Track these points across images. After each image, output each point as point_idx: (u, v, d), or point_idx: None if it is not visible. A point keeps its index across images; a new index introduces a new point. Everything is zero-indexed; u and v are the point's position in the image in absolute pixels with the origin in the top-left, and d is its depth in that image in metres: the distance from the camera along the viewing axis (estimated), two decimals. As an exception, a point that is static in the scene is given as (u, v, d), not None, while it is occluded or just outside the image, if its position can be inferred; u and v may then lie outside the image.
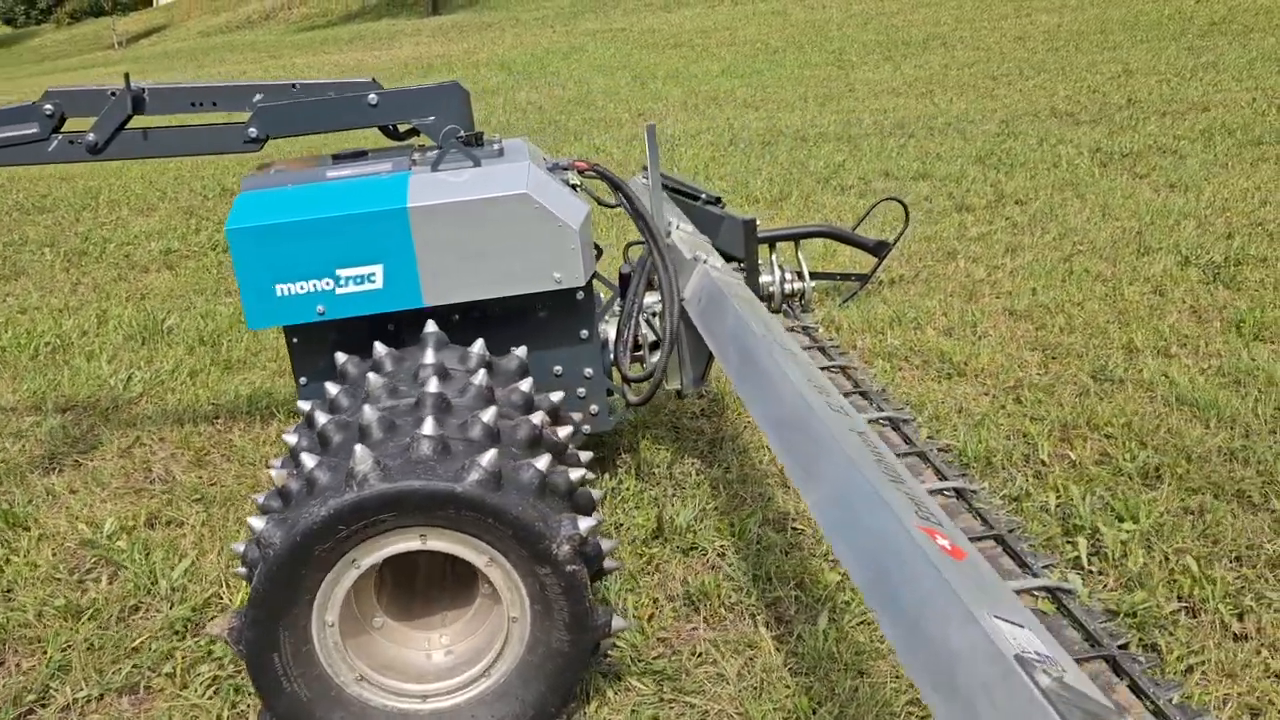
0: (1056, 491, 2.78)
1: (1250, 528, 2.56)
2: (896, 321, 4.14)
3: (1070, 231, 5.18)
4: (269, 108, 2.67)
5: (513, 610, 1.94)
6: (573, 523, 1.89)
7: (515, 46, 18.27)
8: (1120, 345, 3.75)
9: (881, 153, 7.45)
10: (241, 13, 35.98)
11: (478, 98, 12.59)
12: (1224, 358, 3.56)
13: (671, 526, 2.71)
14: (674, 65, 13.89)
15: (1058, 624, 2.20)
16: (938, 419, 3.28)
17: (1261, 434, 3.02)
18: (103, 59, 31.25)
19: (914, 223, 5.60)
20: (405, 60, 18.13)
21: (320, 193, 2.49)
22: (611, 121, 10.17)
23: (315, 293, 2.46)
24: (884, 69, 11.96)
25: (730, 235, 4.18)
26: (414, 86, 2.75)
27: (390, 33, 24.18)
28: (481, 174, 2.53)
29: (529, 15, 24.04)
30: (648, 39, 17.28)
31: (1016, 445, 3.07)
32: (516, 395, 2.26)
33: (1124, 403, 3.28)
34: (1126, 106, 8.45)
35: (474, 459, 1.84)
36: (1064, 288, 4.37)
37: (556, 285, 2.54)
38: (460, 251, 2.47)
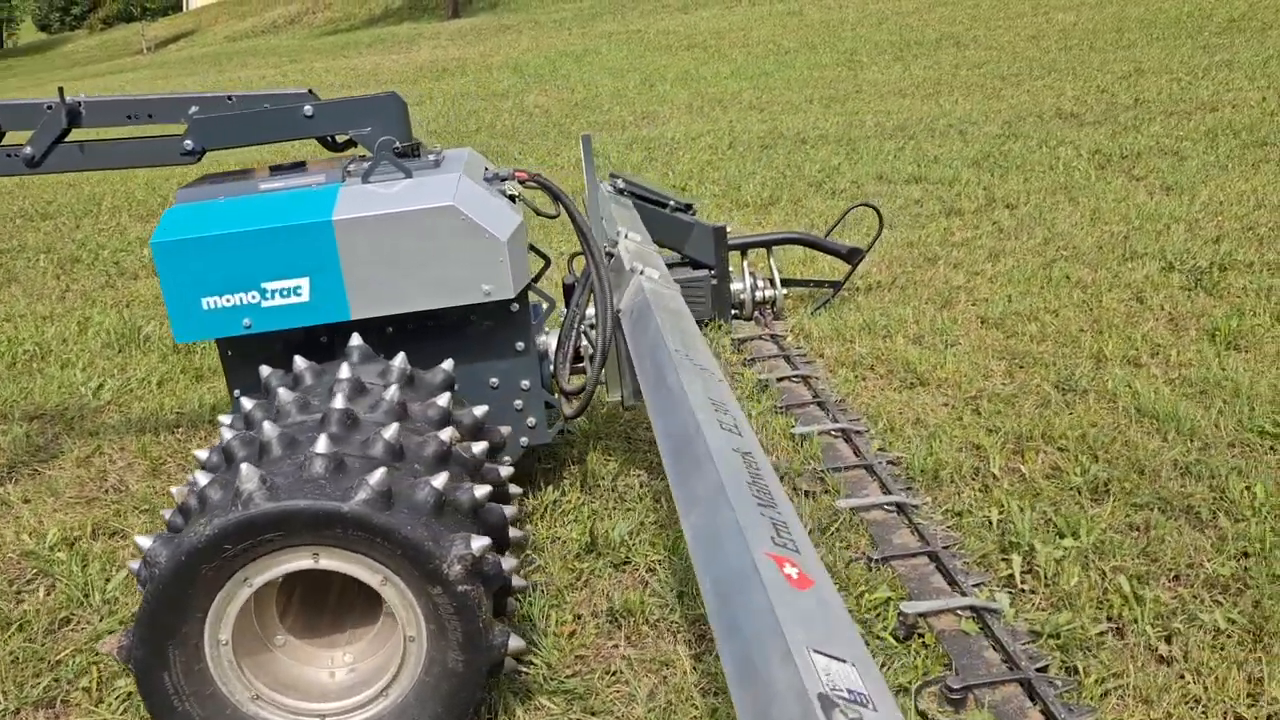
0: (1000, 506, 2.73)
1: (1193, 545, 2.50)
2: (867, 329, 4.09)
3: (1056, 236, 5.10)
4: (204, 120, 2.67)
5: (409, 629, 1.93)
6: (465, 542, 1.87)
7: (530, 49, 18.29)
8: (1090, 354, 3.68)
9: (879, 156, 7.38)
10: (267, 17, 36.30)
11: (489, 101, 12.65)
12: (1194, 368, 3.49)
13: (605, 541, 2.68)
14: (684, 67, 13.86)
15: (978, 645, 2.17)
16: (893, 430, 3.23)
17: (1219, 447, 2.95)
18: (130, 64, 31.64)
19: (900, 227, 5.55)
20: (421, 64, 18.21)
21: (248, 206, 2.49)
22: (614, 124, 10.16)
23: (241, 306, 2.45)
24: (893, 69, 11.87)
25: (700, 242, 4.17)
26: (350, 98, 2.74)
27: (410, 36, 24.31)
28: (411, 186, 2.52)
29: (547, 18, 24.08)
30: (662, 41, 17.25)
31: (968, 458, 3.01)
32: (433, 410, 2.25)
33: (1083, 414, 3.22)
34: (1133, 106, 8.33)
35: (363, 478, 1.82)
36: (1041, 294, 4.31)
37: (486, 298, 2.52)
38: (387, 264, 2.46)
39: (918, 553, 2.53)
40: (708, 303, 4.25)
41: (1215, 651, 2.13)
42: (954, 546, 2.58)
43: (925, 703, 2.06)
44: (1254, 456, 2.88)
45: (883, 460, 3.04)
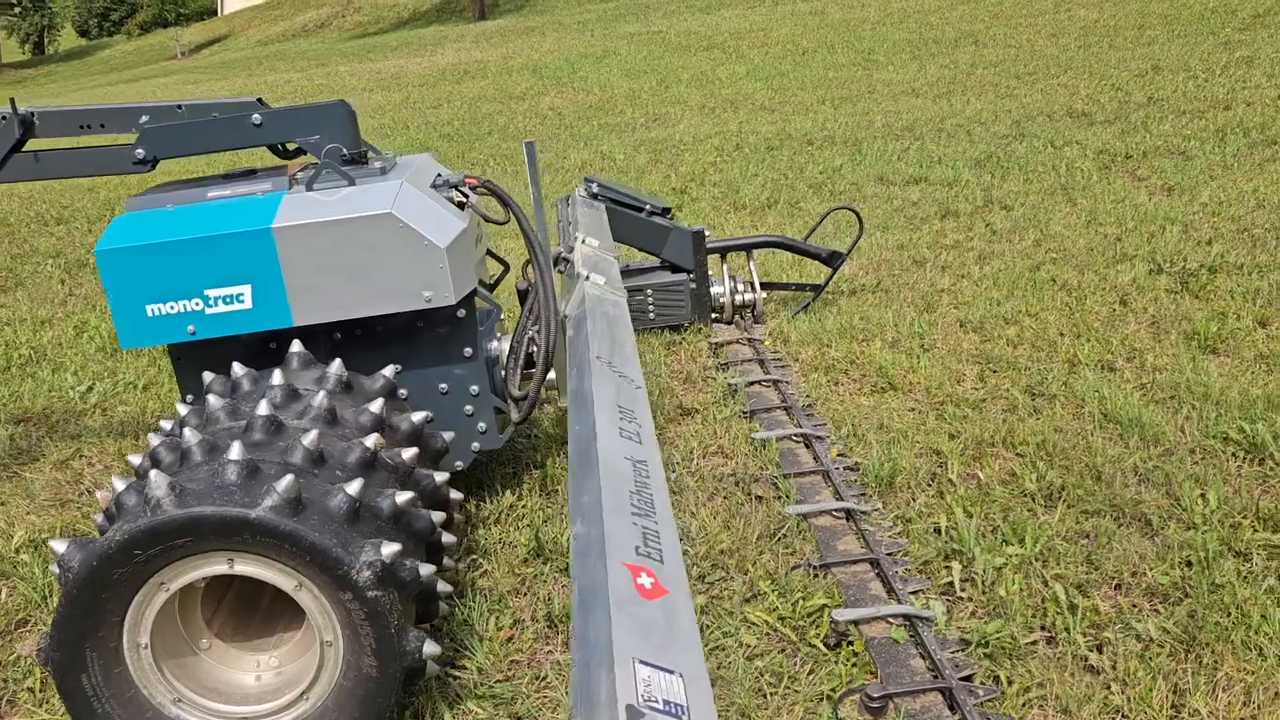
0: (950, 513, 2.71)
1: (1138, 553, 2.47)
2: (845, 333, 4.07)
3: (1048, 238, 5.05)
4: (155, 129, 2.71)
5: (326, 635, 1.95)
6: (375, 548, 1.89)
7: (552, 51, 18.36)
8: (1065, 359, 3.65)
9: (881, 157, 7.34)
10: (298, 21, 36.69)
11: (505, 104, 12.71)
12: (1168, 372, 3.44)
13: (553, 546, 2.70)
14: (701, 68, 13.85)
15: (906, 653, 2.16)
16: (856, 435, 3.22)
17: (1181, 453, 2.91)
18: (163, 70, 32.11)
19: (893, 230, 5.52)
20: (444, 67, 18.33)
21: (192, 214, 2.53)
22: (626, 126, 10.17)
23: (185, 313, 2.49)
24: (909, 69, 11.79)
25: (678, 246, 4.17)
26: (297, 106, 2.78)
27: (436, 39, 24.47)
28: (353, 193, 2.55)
29: (571, 19, 24.14)
30: (682, 41, 17.25)
31: (926, 464, 3.00)
32: (365, 417, 2.27)
33: (1049, 420, 3.19)
34: (1146, 105, 8.22)
35: (272, 484, 1.85)
36: (1025, 298, 4.27)
37: (427, 304, 2.54)
38: (328, 271, 2.49)
39: (859, 559, 2.53)
40: (687, 306, 4.25)
41: (1143, 662, 2.11)
42: (898, 553, 2.57)
43: (846, 711, 2.05)
44: (1214, 463, 2.84)
45: (840, 466, 3.02)
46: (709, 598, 2.47)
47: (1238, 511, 2.59)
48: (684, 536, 2.74)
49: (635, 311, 4.23)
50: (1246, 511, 2.59)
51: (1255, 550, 2.43)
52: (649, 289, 4.21)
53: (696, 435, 3.32)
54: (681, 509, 2.88)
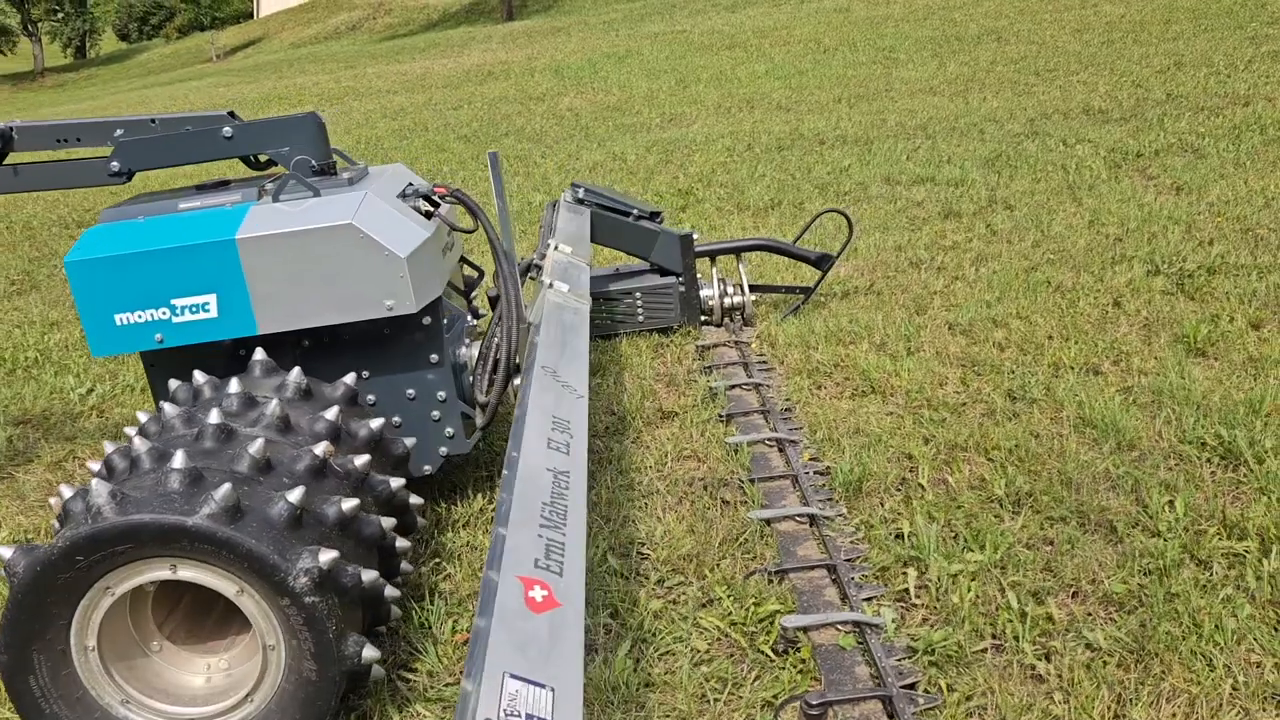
0: (913, 519, 2.70)
1: (1099, 561, 2.45)
2: (832, 336, 4.06)
3: (1048, 239, 5.01)
4: (129, 143, 2.77)
5: (268, 639, 1.98)
6: (313, 555, 1.92)
7: (575, 51, 18.40)
8: (1050, 362, 3.61)
9: (890, 157, 7.30)
10: (330, 24, 37.05)
11: (524, 105, 12.77)
12: (1153, 375, 3.41)
13: (516, 550, 2.72)
14: (721, 67, 13.83)
15: (852, 661, 2.17)
16: (831, 439, 3.22)
17: (1155, 459, 2.88)
18: (198, 72, 32.56)
19: (893, 230, 5.49)
20: (469, 68, 18.44)
21: (161, 225, 2.58)
22: (640, 126, 10.19)
23: (153, 322, 2.54)
24: (928, 66, 11.70)
25: (666, 250, 4.18)
26: (267, 119, 2.82)
27: (464, 40, 24.61)
28: (316, 204, 2.58)
29: (597, 19, 24.19)
30: (705, 40, 17.23)
31: (897, 469, 2.99)
32: (320, 424, 2.31)
33: (1025, 424, 3.17)
34: (1164, 102, 8.11)
35: (211, 492, 1.89)
36: (1017, 300, 4.23)
37: (389, 312, 2.58)
38: (291, 281, 2.53)
39: (817, 565, 2.53)
40: (676, 309, 4.26)
41: (1089, 671, 2.10)
42: (857, 559, 2.56)
43: (786, 718, 2.06)
44: (1187, 469, 2.81)
45: (810, 471, 3.02)
46: (665, 602, 2.49)
47: (1204, 518, 2.57)
48: (647, 541, 2.75)
49: (624, 315, 4.25)
50: (1213, 518, 2.56)
51: (1217, 559, 2.41)
52: (638, 292, 4.22)
53: (672, 439, 3.34)
54: (648, 513, 2.89)
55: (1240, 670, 2.05)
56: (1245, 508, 2.60)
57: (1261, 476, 2.71)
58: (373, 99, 15.87)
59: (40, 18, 58.03)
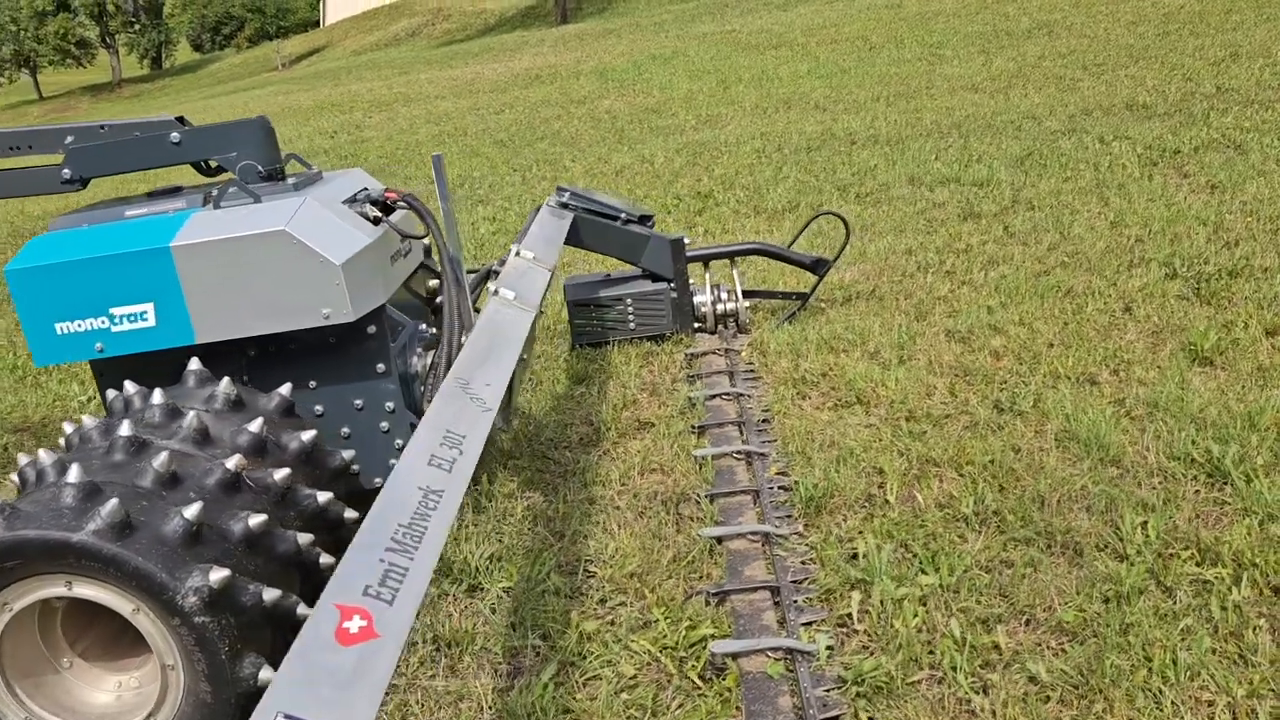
0: (871, 538, 2.58)
1: (1058, 585, 2.31)
2: (824, 344, 3.94)
3: (1066, 241, 4.81)
4: (79, 149, 2.77)
5: (167, 658, 1.95)
6: (204, 574, 1.88)
7: (623, 54, 18.37)
8: (1046, 371, 3.45)
9: (919, 156, 7.12)
10: (390, 31, 37.57)
11: (565, 108, 12.77)
12: (1152, 386, 3.23)
13: (461, 564, 2.66)
14: (765, 67, 13.67)
15: (778, 690, 2.07)
16: (803, 453, 3.10)
17: (1138, 476, 2.72)
18: (262, 81, 33.24)
19: (908, 232, 5.33)
20: (517, 72, 18.52)
21: (101, 234, 2.57)
22: (674, 129, 10.10)
23: (93, 331, 2.53)
24: (974, 63, 11.43)
25: (657, 255, 4.10)
26: (215, 124, 2.80)
27: (516, 44, 24.74)
28: (254, 211, 2.55)
29: (649, 20, 24.14)
30: (752, 40, 17.07)
31: (864, 484, 2.87)
32: (243, 436, 2.27)
33: (1007, 438, 3.02)
34: (1213, 95, 7.80)
35: (98, 507, 1.85)
36: (1022, 305, 4.07)
37: (325, 321, 2.53)
38: (227, 289, 2.50)
39: (760, 587, 2.42)
40: (668, 315, 4.17)
41: (1025, 706, 1.97)
42: (804, 581, 2.46)
43: (700, 750, 1.97)
44: (1169, 488, 2.65)
45: (774, 486, 2.92)
46: (601, 623, 2.40)
47: (1176, 542, 2.41)
48: (596, 558, 2.67)
49: (615, 322, 4.18)
50: (1187, 543, 2.40)
51: (1182, 586, 2.25)
52: (628, 298, 4.14)
53: (642, 451, 3.25)
54: (602, 529, 2.81)
55: (1189, 710, 1.91)
56: (1224, 530, 2.44)
57: (1247, 497, 2.54)
58: (421, 104, 16.01)
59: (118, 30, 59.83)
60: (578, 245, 4.09)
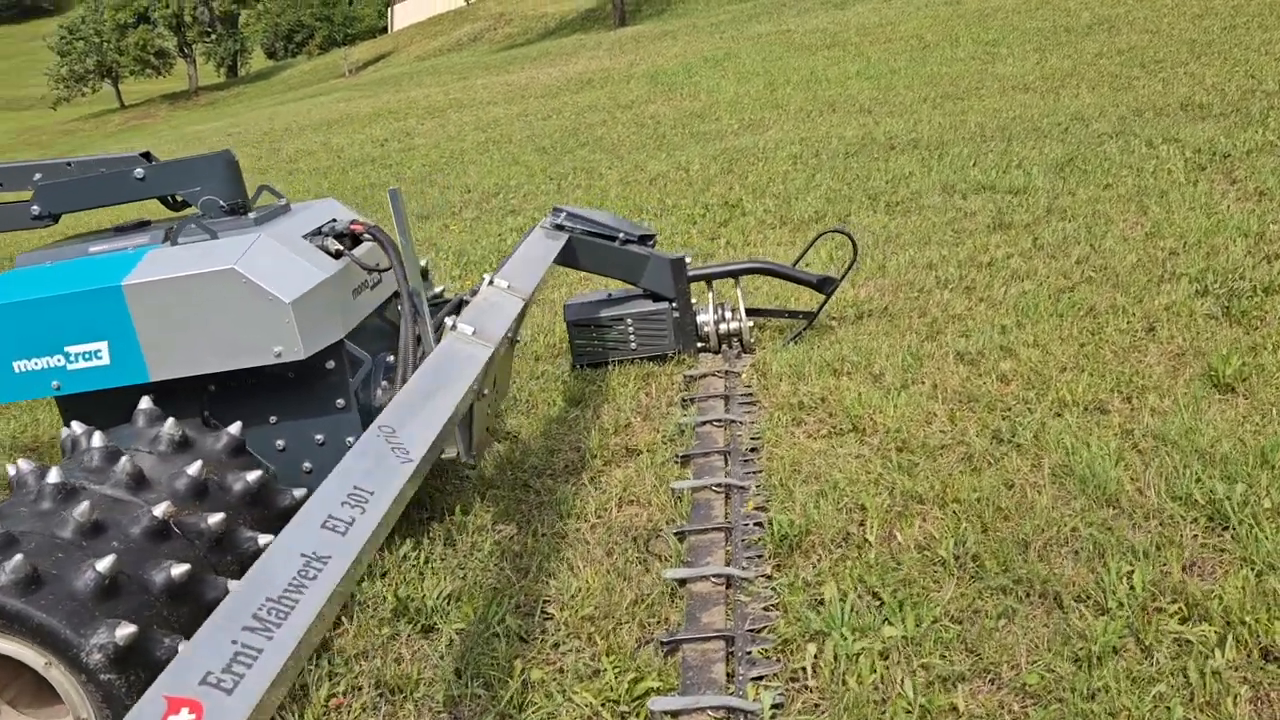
0: (840, 583, 2.46)
1: (1030, 641, 2.16)
2: (828, 366, 3.80)
3: (1096, 254, 4.60)
4: (48, 186, 2.77)
5: (81, 712, 1.91)
6: (110, 630, 1.83)
7: (676, 56, 18.25)
8: (1054, 398, 3.28)
9: (957, 163, 6.90)
10: (454, 36, 37.94)
11: (611, 113, 12.71)
12: (1164, 415, 3.05)
13: (416, 604, 2.60)
14: (815, 68, 13.44)
15: (712, 753, 1.96)
16: (786, 486, 2.98)
17: (1134, 517, 2.55)
18: (329, 88, 33.80)
19: (933, 245, 5.15)
20: (571, 76, 18.51)
21: (60, 271, 2.56)
22: (715, 134, 9.97)
23: (49, 369, 2.53)
24: (1028, 61, 11.09)
25: (657, 274, 4.01)
26: (178, 159, 2.78)
27: (574, 48, 24.76)
28: (206, 248, 2.53)
29: (706, 21, 23.97)
30: (806, 40, 16.82)
31: (843, 521, 2.74)
32: (181, 480, 2.24)
33: (1000, 472, 2.86)
34: (1276, 93, 7.43)
35: (4, 561, 1.82)
36: (1039, 325, 3.88)
37: (277, 359, 2.49)
38: (178, 327, 2.48)
39: (715, 636, 2.31)
40: (670, 336, 4.07)
41: (971, 782, 1.83)
42: (764, 629, 2.34)
43: (625, 818, 1.87)
44: (1163, 532, 2.47)
45: (750, 522, 2.80)
46: (548, 671, 2.32)
47: (1163, 594, 2.24)
48: (556, 598, 2.59)
49: (616, 342, 4.09)
50: (1174, 595, 2.23)
51: (1163, 645, 2.09)
52: (629, 318, 4.05)
53: (623, 481, 3.16)
54: (568, 566, 2.73)
55: (1149, 789, 1.76)
56: (1217, 582, 2.26)
57: (1247, 544, 2.36)
58: (472, 110, 16.09)
59: (195, 40, 61.37)
60: (574, 267, 4.02)
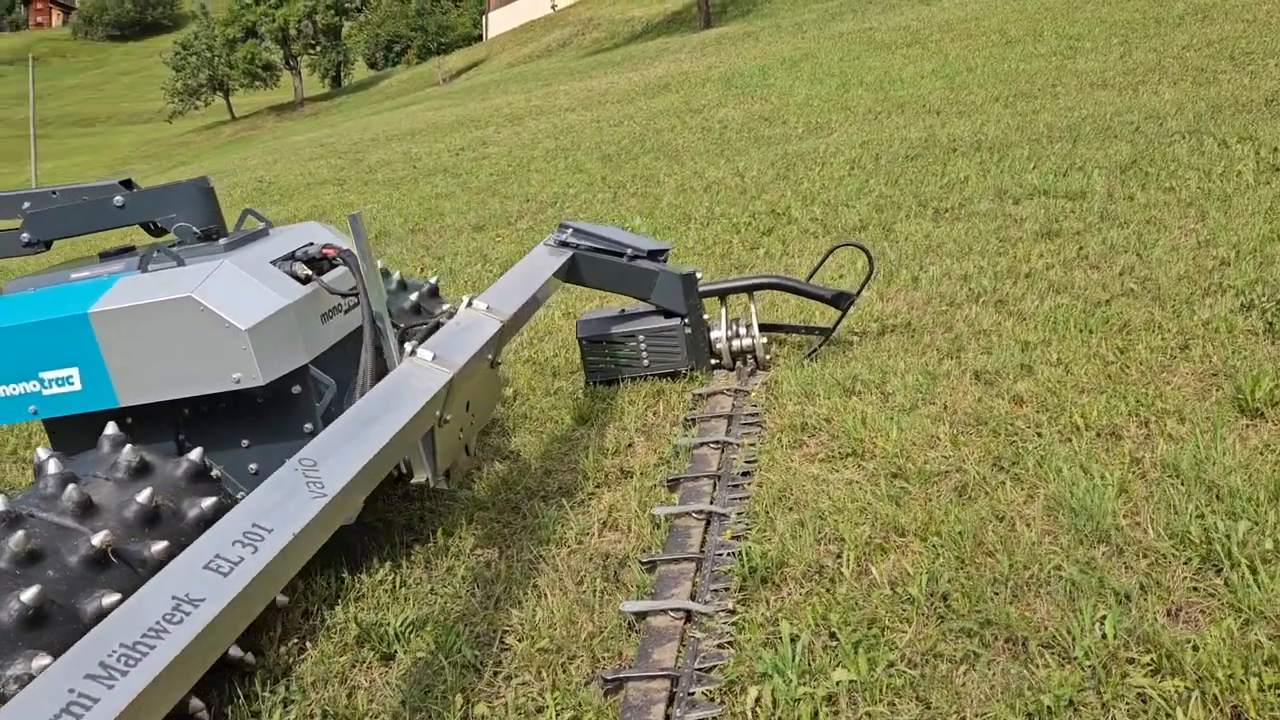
0: (799, 620, 2.36)
1: (984, 690, 2.04)
2: (839, 384, 3.67)
3: (1142, 264, 4.36)
4: (35, 214, 2.85)
5: (9, 739, 1.95)
6: (26, 661, 1.86)
7: (756, 58, 18.07)
8: (1067, 422, 3.11)
9: (1016, 165, 6.64)
10: (543, 42, 38.34)
11: (680, 118, 12.66)
12: (1180, 443, 2.86)
13: (378, 632, 2.59)
14: (890, 67, 13.16)
15: (631, 802, 1.90)
16: (769, 514, 2.88)
17: (1126, 555, 2.39)
18: (421, 96, 34.50)
19: (974, 255, 4.96)
20: (649, 80, 18.50)
21: (37, 298, 2.63)
22: (778, 138, 9.82)
23: (26, 394, 2.60)
24: (1111, 55, 10.65)
25: (667, 290, 3.96)
26: (155, 187, 2.83)
27: (657, 52, 24.76)
28: (172, 276, 2.56)
29: (790, 21, 23.69)
30: (887, 38, 16.48)
31: (818, 553, 2.63)
32: (131, 509, 2.27)
33: (991, 503, 2.72)
34: (1370, 86, 6.97)
35: (-73, 594, 1.87)
36: (1067, 342, 3.69)
37: (236, 386, 2.52)
38: (143, 354, 2.52)
39: (659, 675, 2.24)
40: (682, 353, 4.00)
41: (888, 846, 1.73)
42: (713, 669, 2.26)
43: None
44: (1150, 573, 2.31)
45: (723, 553, 2.72)
46: (493, 706, 2.28)
47: (1136, 644, 2.09)
48: (517, 629, 2.55)
49: (629, 360, 4.04)
50: (1148, 645, 2.08)
51: (1123, 701, 1.95)
52: (640, 335, 3.99)
53: (610, 505, 3.10)
54: (536, 595, 2.68)
55: None
56: (1197, 631, 2.10)
57: (1237, 590, 2.18)
58: (550, 117, 16.21)
59: (299, 52, 63.37)
60: (579, 284, 3.98)
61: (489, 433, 3.86)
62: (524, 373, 4.43)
